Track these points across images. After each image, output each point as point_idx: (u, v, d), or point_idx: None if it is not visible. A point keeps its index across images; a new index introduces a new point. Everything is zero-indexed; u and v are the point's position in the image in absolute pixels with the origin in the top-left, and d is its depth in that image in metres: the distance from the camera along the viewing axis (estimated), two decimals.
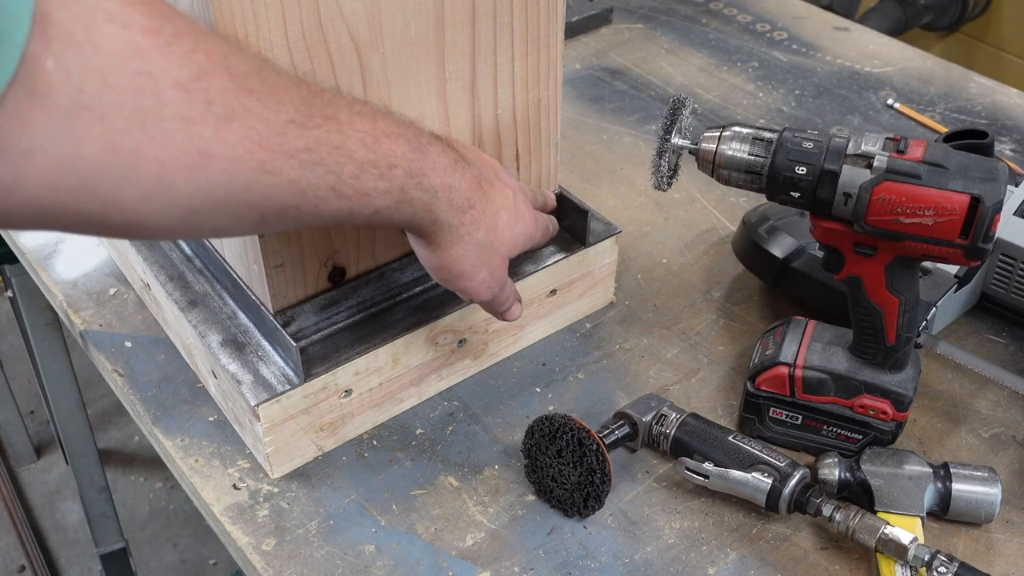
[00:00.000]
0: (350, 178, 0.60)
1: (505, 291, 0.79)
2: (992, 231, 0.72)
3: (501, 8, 0.80)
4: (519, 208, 0.77)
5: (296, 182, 0.56)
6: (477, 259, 0.73)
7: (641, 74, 1.41)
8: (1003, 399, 0.93)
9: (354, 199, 0.61)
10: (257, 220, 0.57)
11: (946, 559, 0.73)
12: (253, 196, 0.55)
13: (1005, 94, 1.36)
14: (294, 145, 0.56)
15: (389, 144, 0.63)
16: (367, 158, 0.61)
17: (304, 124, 0.56)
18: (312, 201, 0.58)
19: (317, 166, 0.57)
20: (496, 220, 0.74)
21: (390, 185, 0.63)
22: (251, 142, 0.53)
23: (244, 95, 0.53)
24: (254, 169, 0.54)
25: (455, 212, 0.70)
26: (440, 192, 0.68)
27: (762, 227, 0.98)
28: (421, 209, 0.67)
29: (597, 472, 0.79)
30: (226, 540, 0.82)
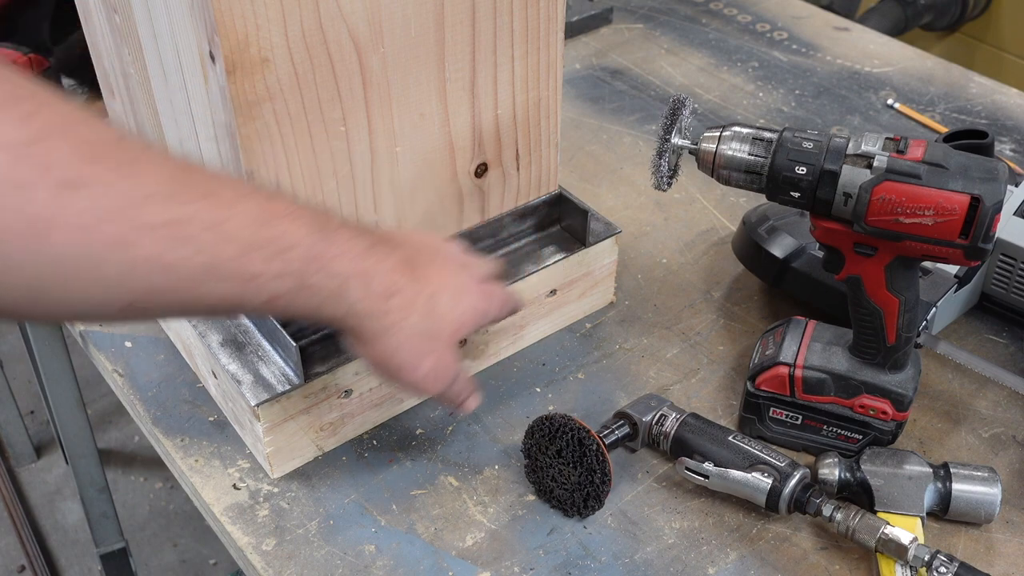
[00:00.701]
0: (230, 259, 0.55)
1: (459, 381, 0.74)
2: (992, 231, 0.72)
3: (501, 8, 0.80)
4: (464, 284, 0.72)
5: (158, 259, 0.52)
6: (417, 348, 0.68)
7: (641, 74, 1.41)
8: (1003, 399, 0.93)
9: (239, 283, 0.56)
10: (125, 303, 0.53)
11: (946, 559, 0.73)
12: (109, 273, 0.50)
13: (1005, 94, 1.36)
14: (154, 219, 0.51)
15: (284, 225, 0.58)
16: (253, 239, 0.56)
17: (171, 198, 0.52)
18: (185, 283, 0.54)
19: (186, 243, 0.53)
20: (434, 303, 0.68)
21: (284, 269, 0.58)
22: (99, 212, 0.49)
23: (90, 163, 0.49)
24: (104, 242, 0.49)
25: (376, 300, 0.64)
26: (351, 279, 0.62)
27: (762, 227, 0.98)
28: (328, 298, 0.62)
29: (597, 472, 0.79)
30: (226, 540, 0.82)
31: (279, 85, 0.71)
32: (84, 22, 0.96)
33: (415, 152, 0.82)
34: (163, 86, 0.82)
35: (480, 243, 0.93)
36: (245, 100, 0.70)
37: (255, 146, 0.72)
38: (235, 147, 0.72)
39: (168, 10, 0.73)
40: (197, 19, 0.68)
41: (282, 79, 0.71)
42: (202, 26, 0.68)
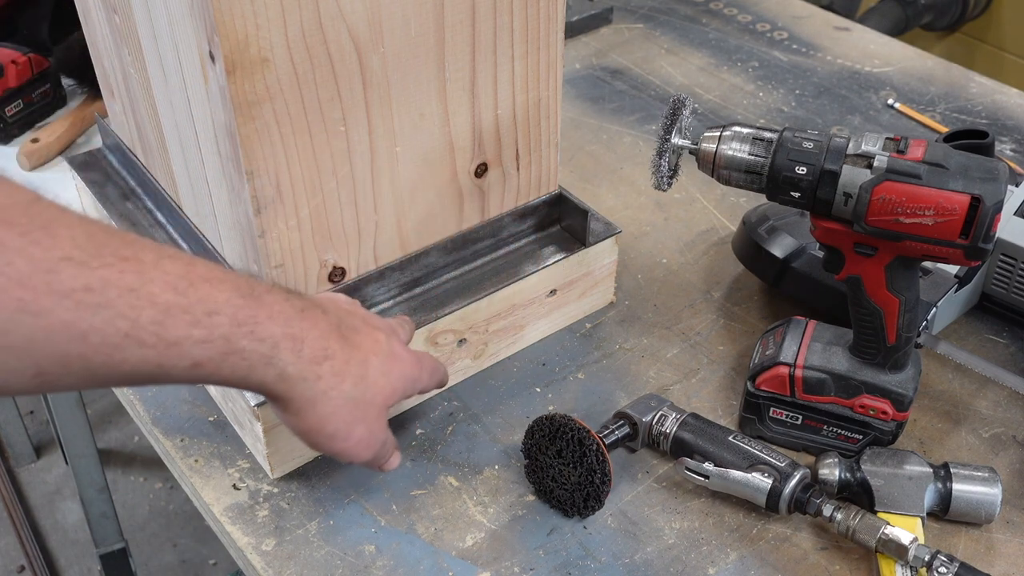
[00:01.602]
0: (150, 323, 0.53)
1: (386, 446, 0.72)
2: (992, 231, 0.72)
3: (501, 8, 0.80)
4: (394, 351, 0.71)
5: (73, 325, 0.50)
6: (350, 415, 0.66)
7: (641, 74, 1.41)
8: (1003, 399, 0.93)
9: (159, 348, 0.54)
10: (34, 372, 0.50)
11: (946, 559, 0.73)
12: (15, 341, 0.48)
13: (1005, 94, 1.36)
14: (69, 284, 0.49)
15: (208, 289, 0.56)
16: (175, 302, 0.54)
17: (86, 263, 0.50)
18: (102, 349, 0.51)
19: (103, 308, 0.50)
20: (366, 368, 0.67)
21: (209, 333, 0.56)
22: (7, 278, 0.47)
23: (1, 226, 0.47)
24: (12, 309, 0.47)
25: (307, 364, 0.62)
26: (282, 342, 0.60)
27: (762, 227, 0.98)
28: (259, 363, 0.59)
29: (597, 472, 0.79)
30: (226, 540, 0.82)
31: (279, 85, 0.71)
32: (84, 22, 0.96)
33: (415, 152, 0.82)
34: (163, 86, 0.82)
35: (480, 243, 0.93)
36: (245, 100, 0.70)
37: (255, 146, 0.72)
38: (235, 147, 0.72)
39: (168, 10, 0.73)
40: (197, 19, 0.68)
41: (282, 79, 0.71)
42: (202, 26, 0.68)
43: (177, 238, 0.96)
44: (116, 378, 0.54)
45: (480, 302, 0.89)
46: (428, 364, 0.76)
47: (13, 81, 1.25)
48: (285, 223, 0.77)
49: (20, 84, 1.25)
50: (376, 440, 0.69)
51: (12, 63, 1.25)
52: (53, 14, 1.32)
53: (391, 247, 0.86)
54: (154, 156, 0.94)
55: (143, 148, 0.96)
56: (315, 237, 0.80)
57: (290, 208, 0.77)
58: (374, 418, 0.68)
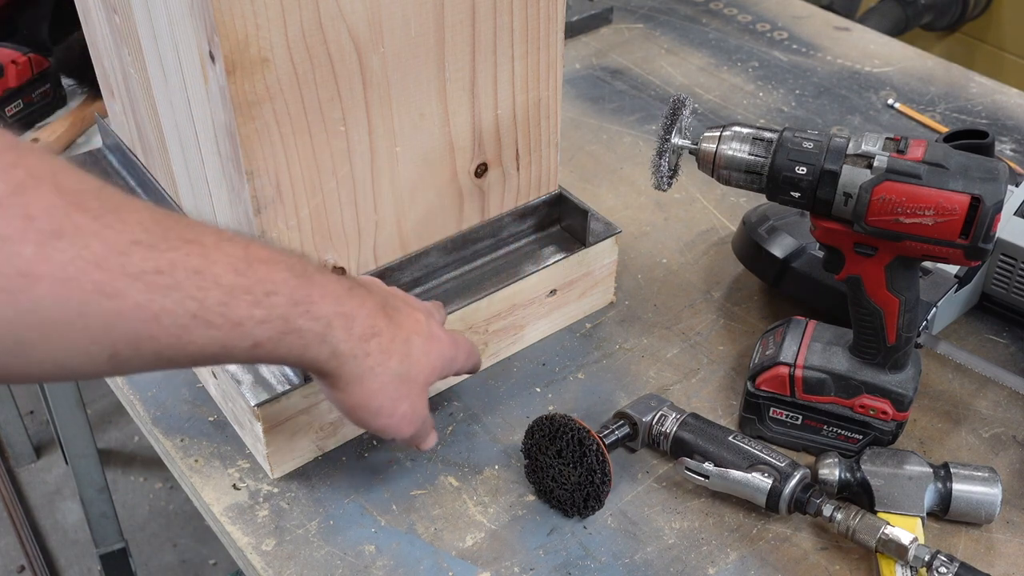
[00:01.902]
0: (217, 305, 0.54)
1: (426, 423, 0.73)
2: (992, 231, 0.72)
3: (501, 8, 0.80)
4: (433, 331, 0.72)
5: (145, 307, 0.51)
6: (395, 392, 0.67)
7: (641, 74, 1.41)
8: (1003, 399, 0.93)
9: (225, 329, 0.55)
10: (108, 354, 0.51)
11: (946, 559, 0.73)
12: (93, 323, 0.49)
13: (1005, 94, 1.36)
14: (140, 266, 0.50)
15: (266, 269, 0.57)
16: (237, 283, 0.55)
17: (155, 246, 0.51)
18: (171, 331, 0.53)
19: (172, 290, 0.52)
20: (409, 346, 0.68)
21: (269, 313, 0.57)
22: (84, 261, 0.48)
23: (75, 212, 0.48)
24: (90, 291, 0.48)
25: (357, 342, 0.64)
26: (335, 321, 0.62)
27: (762, 227, 0.98)
28: (314, 341, 0.61)
29: (597, 472, 0.79)
30: (226, 540, 0.82)
31: (279, 85, 0.71)
32: (84, 22, 0.96)
33: (415, 152, 0.82)
34: (163, 86, 0.82)
35: (480, 243, 0.93)
36: (245, 100, 0.70)
37: (255, 146, 0.72)
38: (235, 147, 0.72)
39: (168, 10, 0.73)
40: (197, 19, 0.68)
41: (282, 79, 0.71)
42: (202, 26, 0.68)
43: None
44: (181, 359, 0.55)
45: (480, 302, 0.90)
46: (464, 346, 0.77)
47: (13, 81, 1.25)
48: (285, 223, 0.77)
49: (20, 84, 1.25)
50: (418, 417, 0.71)
51: (12, 63, 1.25)
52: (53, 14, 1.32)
53: (391, 247, 0.86)
54: (154, 156, 0.94)
55: (143, 148, 0.96)
56: (315, 237, 0.80)
57: (290, 208, 0.77)
58: (416, 395, 0.70)
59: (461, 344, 0.77)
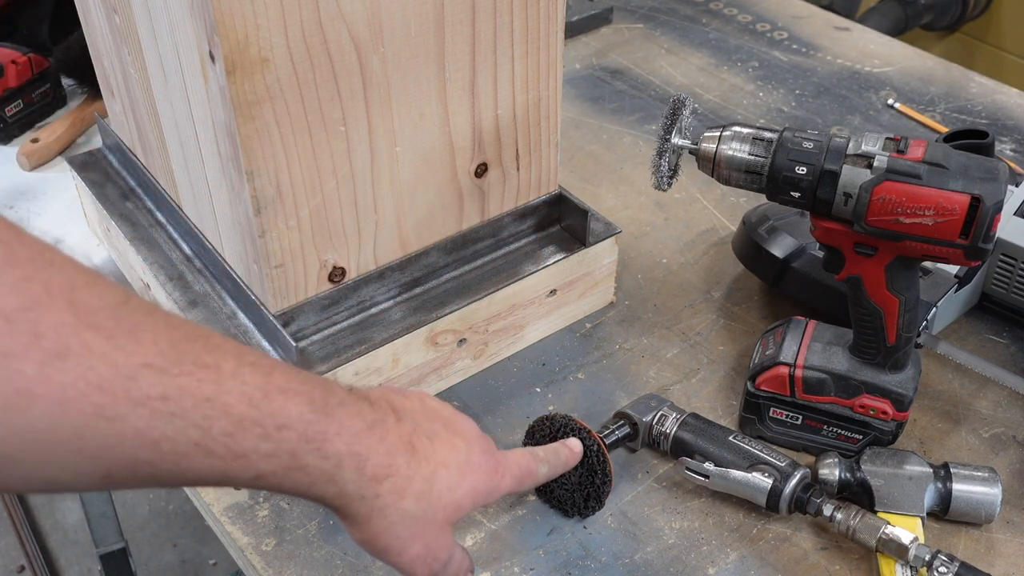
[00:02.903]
0: (221, 435, 0.52)
1: (451, 566, 0.68)
2: (992, 231, 0.72)
3: (501, 8, 0.80)
4: (472, 460, 0.67)
5: (145, 433, 0.49)
6: (406, 532, 0.64)
7: (641, 74, 1.41)
8: (1003, 399, 0.93)
9: (227, 459, 0.53)
10: (101, 475, 0.50)
11: (947, 559, 0.73)
12: (88, 446, 0.48)
13: (1005, 94, 1.36)
14: (145, 392, 0.49)
15: (282, 401, 0.55)
16: (247, 415, 0.53)
17: (165, 370, 0.50)
18: (170, 457, 0.51)
19: (176, 417, 0.50)
20: (431, 484, 0.64)
21: (277, 448, 0.55)
22: (87, 384, 0.46)
23: (87, 331, 0.47)
24: (89, 414, 0.47)
25: (368, 482, 0.61)
26: (345, 460, 0.59)
27: (762, 227, 0.98)
28: (320, 479, 0.58)
29: (598, 472, 0.79)
30: (226, 540, 0.82)
31: (279, 85, 0.71)
32: (84, 22, 0.96)
33: (415, 152, 0.82)
34: (163, 86, 0.82)
35: (480, 243, 0.93)
36: (245, 100, 0.70)
37: (255, 146, 0.72)
38: (235, 147, 0.72)
39: (168, 10, 0.73)
40: (197, 19, 0.68)
41: (282, 79, 0.71)
42: (202, 26, 0.68)
43: (177, 238, 0.96)
44: (179, 483, 0.54)
45: (480, 302, 0.89)
46: (514, 469, 0.71)
47: (13, 81, 1.25)
48: (285, 223, 0.77)
49: (20, 84, 1.25)
50: (435, 559, 0.67)
51: (12, 63, 1.25)
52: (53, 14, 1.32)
53: (391, 247, 0.86)
54: (154, 156, 0.94)
55: (143, 148, 0.96)
56: (315, 237, 0.80)
57: (290, 208, 0.77)
58: (433, 535, 0.66)
59: (510, 468, 0.71)
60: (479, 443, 0.69)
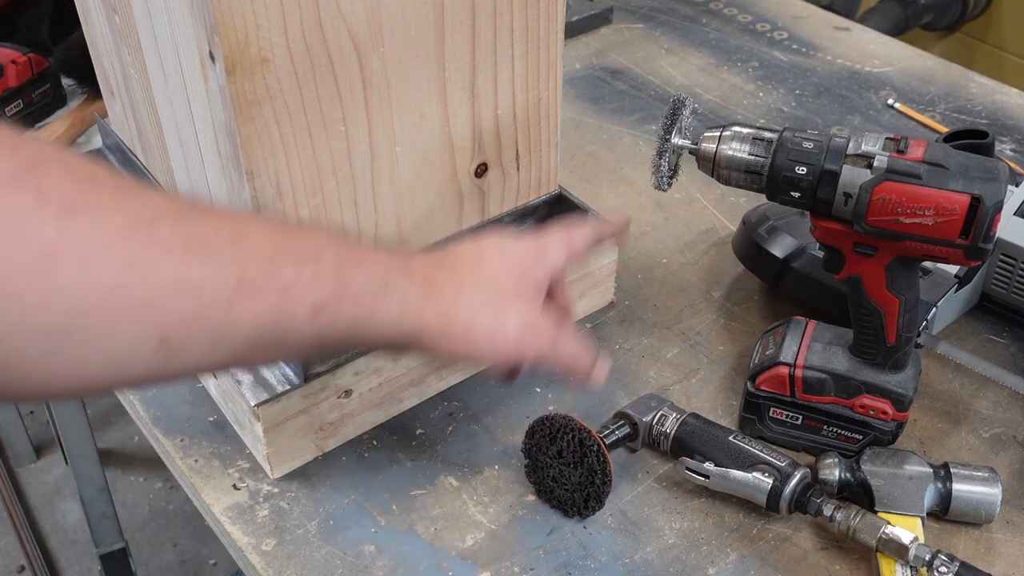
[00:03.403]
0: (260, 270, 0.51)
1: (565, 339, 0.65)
2: (992, 231, 0.72)
3: (501, 8, 0.80)
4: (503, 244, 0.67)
5: (183, 278, 0.47)
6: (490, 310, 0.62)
7: (641, 74, 1.41)
8: (1003, 399, 0.93)
9: (276, 294, 0.51)
10: (158, 340, 0.48)
11: (947, 559, 0.73)
12: (131, 301, 0.46)
13: (1005, 94, 1.36)
14: (170, 236, 0.47)
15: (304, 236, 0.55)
16: (278, 246, 0.52)
17: (182, 217, 0.48)
18: (218, 304, 0.49)
19: (209, 258, 0.48)
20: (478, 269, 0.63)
21: (319, 270, 0.53)
22: (108, 234, 0.45)
23: (90, 188, 0.45)
24: (120, 265, 0.45)
25: (423, 286, 0.59)
26: (391, 273, 0.58)
27: (762, 227, 0.98)
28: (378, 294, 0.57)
29: (598, 473, 0.79)
30: (226, 540, 0.82)
31: (279, 85, 0.71)
32: (84, 22, 0.96)
33: (415, 152, 0.82)
34: (163, 86, 0.82)
35: None
36: (245, 100, 0.70)
37: (255, 146, 0.72)
38: (235, 147, 0.72)
39: (168, 10, 0.73)
40: (197, 19, 0.68)
41: (282, 79, 0.71)
42: (202, 26, 0.68)
43: None
44: (239, 340, 0.51)
45: None
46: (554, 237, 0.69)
47: (13, 81, 1.25)
48: None
49: (20, 84, 1.25)
50: (539, 328, 0.63)
51: (12, 63, 1.25)
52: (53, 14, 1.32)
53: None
54: (154, 156, 0.94)
55: (143, 148, 0.96)
56: None
57: (290, 208, 0.77)
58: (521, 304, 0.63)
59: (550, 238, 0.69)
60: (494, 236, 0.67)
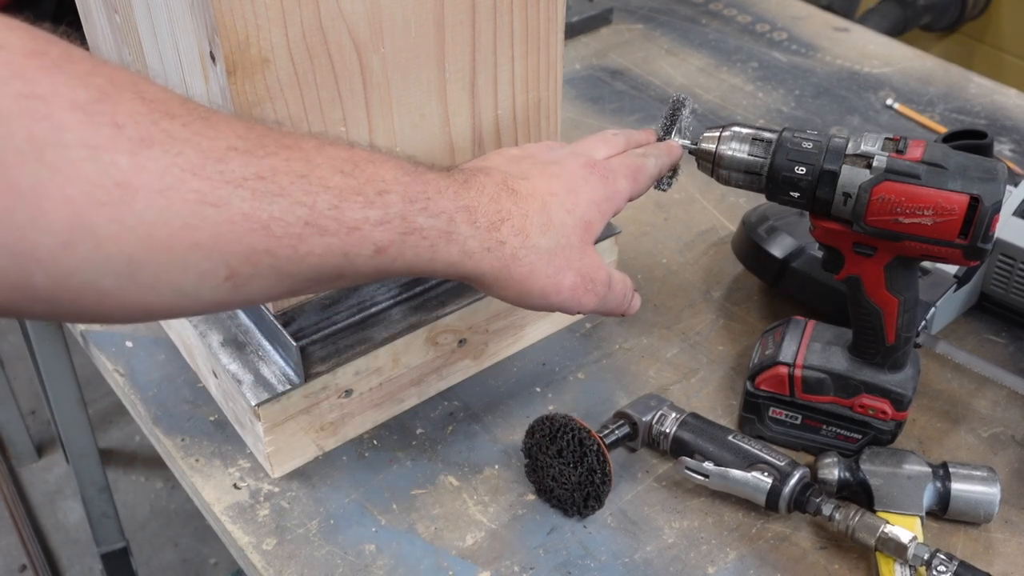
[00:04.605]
0: (328, 209, 0.52)
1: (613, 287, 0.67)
2: (991, 231, 0.72)
3: (501, 8, 0.80)
4: (573, 180, 0.66)
5: (253, 216, 0.48)
6: (549, 267, 0.63)
7: (641, 74, 1.41)
8: (1002, 399, 0.93)
9: (341, 235, 0.52)
10: (225, 273, 0.49)
11: (945, 558, 0.73)
12: (201, 236, 0.47)
13: (1004, 94, 1.36)
14: (240, 173, 0.48)
15: (373, 169, 0.55)
16: (346, 184, 0.53)
17: (251, 151, 0.49)
18: (285, 241, 0.50)
19: (279, 196, 0.49)
20: (547, 214, 0.63)
21: (385, 213, 0.54)
22: (180, 169, 0.45)
23: (163, 119, 0.46)
24: (192, 201, 0.46)
25: (487, 233, 0.60)
26: (456, 216, 0.58)
27: (762, 227, 0.98)
28: (439, 240, 0.58)
29: (598, 472, 0.79)
30: (226, 540, 0.82)
31: (279, 85, 0.71)
32: (84, 22, 0.96)
33: (415, 152, 0.82)
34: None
35: None
36: (245, 100, 0.70)
37: None
38: None
39: (168, 10, 0.73)
40: (197, 19, 0.68)
41: (282, 79, 0.71)
42: (202, 26, 0.68)
43: None
44: (304, 275, 0.52)
45: (480, 302, 0.90)
46: (622, 171, 0.70)
47: None
48: None
49: None
50: (594, 283, 0.66)
51: None
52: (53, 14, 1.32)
53: None
54: None
55: None
56: None
57: None
58: (578, 259, 0.65)
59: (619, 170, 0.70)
60: (576, 160, 0.68)
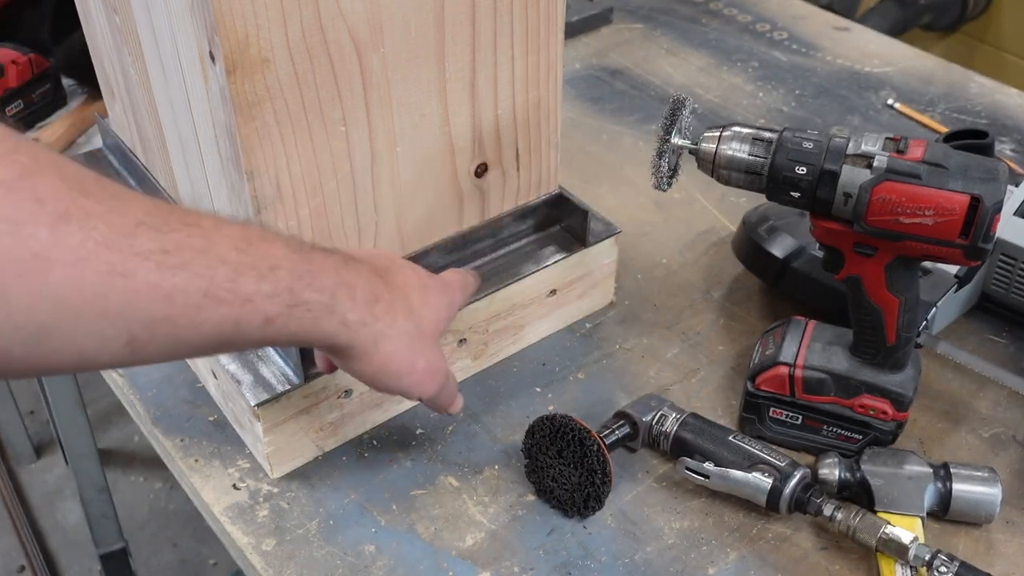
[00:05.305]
0: (225, 281, 0.56)
1: (449, 381, 0.75)
2: (992, 231, 0.72)
3: (501, 8, 0.80)
4: (423, 282, 0.74)
5: (158, 286, 0.52)
6: (408, 350, 0.69)
7: (641, 74, 1.41)
8: (1003, 399, 0.93)
9: (236, 305, 0.56)
10: (126, 339, 0.52)
11: (947, 559, 0.73)
12: (110, 305, 0.50)
13: (1005, 94, 1.36)
14: (148, 246, 0.52)
15: (266, 247, 0.59)
16: (241, 260, 0.57)
17: (158, 228, 0.52)
18: (185, 310, 0.54)
19: (181, 269, 0.53)
20: (409, 302, 0.70)
21: (275, 287, 0.59)
22: (95, 243, 0.49)
23: (80, 196, 0.49)
24: (103, 273, 0.49)
25: (363, 308, 0.66)
26: (338, 291, 0.64)
27: (762, 227, 0.98)
28: (322, 313, 0.63)
29: (598, 472, 0.79)
30: (226, 540, 0.82)
31: (279, 85, 0.71)
32: (84, 22, 0.96)
33: (415, 152, 0.82)
34: (163, 86, 0.82)
35: (480, 243, 0.93)
36: (245, 100, 0.70)
37: (255, 146, 0.72)
38: (235, 147, 0.72)
39: (168, 10, 0.73)
40: (197, 19, 0.68)
41: (282, 79, 0.71)
42: (202, 26, 0.68)
43: None
44: (197, 342, 0.57)
45: (480, 302, 0.90)
46: (456, 280, 0.80)
47: (13, 81, 1.25)
48: (285, 223, 0.77)
49: (20, 84, 1.25)
50: (437, 371, 0.72)
51: (12, 63, 1.25)
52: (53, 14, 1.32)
53: (391, 247, 0.86)
54: (154, 156, 0.94)
55: (143, 148, 0.96)
56: (315, 237, 0.80)
57: (290, 208, 0.77)
58: (430, 349, 0.72)
59: (452, 281, 0.79)
60: (417, 269, 0.76)
